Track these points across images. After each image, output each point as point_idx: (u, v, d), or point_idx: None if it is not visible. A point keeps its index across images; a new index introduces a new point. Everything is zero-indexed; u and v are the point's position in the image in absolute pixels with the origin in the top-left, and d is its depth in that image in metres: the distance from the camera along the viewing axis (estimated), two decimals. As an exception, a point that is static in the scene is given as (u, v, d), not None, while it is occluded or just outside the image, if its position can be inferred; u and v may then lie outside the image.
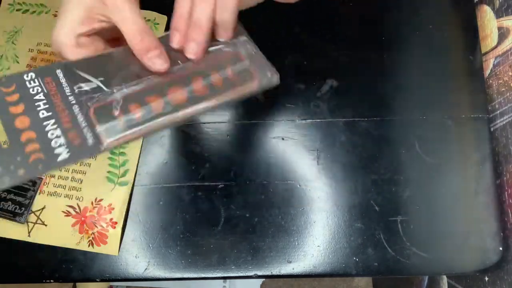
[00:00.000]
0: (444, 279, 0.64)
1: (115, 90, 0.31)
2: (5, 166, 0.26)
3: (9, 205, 0.50)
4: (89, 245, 0.49)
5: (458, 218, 0.51)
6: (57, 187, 0.50)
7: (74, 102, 0.30)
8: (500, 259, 0.49)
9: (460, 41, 0.55)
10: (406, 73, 0.54)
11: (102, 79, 0.31)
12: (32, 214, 0.50)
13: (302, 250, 0.50)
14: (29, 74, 0.30)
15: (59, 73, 0.31)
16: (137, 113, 0.31)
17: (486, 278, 0.52)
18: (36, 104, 0.29)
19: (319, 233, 0.50)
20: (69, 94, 0.30)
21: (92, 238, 0.49)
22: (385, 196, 0.51)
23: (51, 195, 0.50)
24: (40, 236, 0.49)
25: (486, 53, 0.56)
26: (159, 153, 0.52)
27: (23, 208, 0.50)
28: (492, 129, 0.54)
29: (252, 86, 0.34)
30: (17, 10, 0.55)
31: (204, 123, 0.53)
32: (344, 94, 0.54)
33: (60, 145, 0.28)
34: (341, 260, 0.50)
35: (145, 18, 0.55)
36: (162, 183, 0.51)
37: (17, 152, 0.27)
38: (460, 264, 0.50)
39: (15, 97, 0.29)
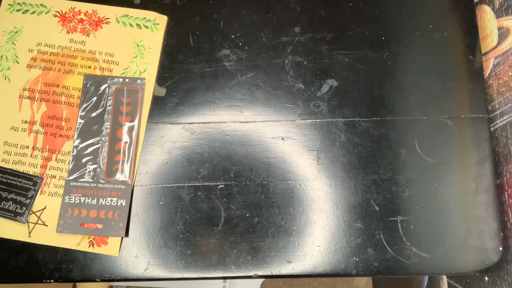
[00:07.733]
0: (444, 279, 0.64)
1: None
2: None
3: (10, 205, 0.50)
4: (89, 246, 0.49)
5: (458, 218, 0.51)
6: (58, 187, 0.50)
7: None
8: (500, 259, 0.49)
9: (460, 41, 0.55)
10: (406, 73, 0.54)
11: None
12: (33, 214, 0.50)
13: (302, 250, 0.50)
14: None
15: None
16: None
17: (486, 278, 0.52)
18: None
19: (319, 233, 0.50)
20: None
21: (93, 238, 0.49)
22: (385, 196, 0.51)
23: (52, 195, 0.50)
24: (41, 236, 0.49)
25: (486, 53, 0.56)
26: (159, 153, 0.52)
27: (24, 208, 0.50)
28: (492, 129, 0.54)
29: None
30: (17, 10, 0.55)
31: (204, 123, 0.53)
32: (344, 94, 0.54)
33: None
34: (341, 260, 0.50)
35: (145, 18, 0.55)
36: (162, 183, 0.51)
37: None
38: (460, 264, 0.50)
39: None
